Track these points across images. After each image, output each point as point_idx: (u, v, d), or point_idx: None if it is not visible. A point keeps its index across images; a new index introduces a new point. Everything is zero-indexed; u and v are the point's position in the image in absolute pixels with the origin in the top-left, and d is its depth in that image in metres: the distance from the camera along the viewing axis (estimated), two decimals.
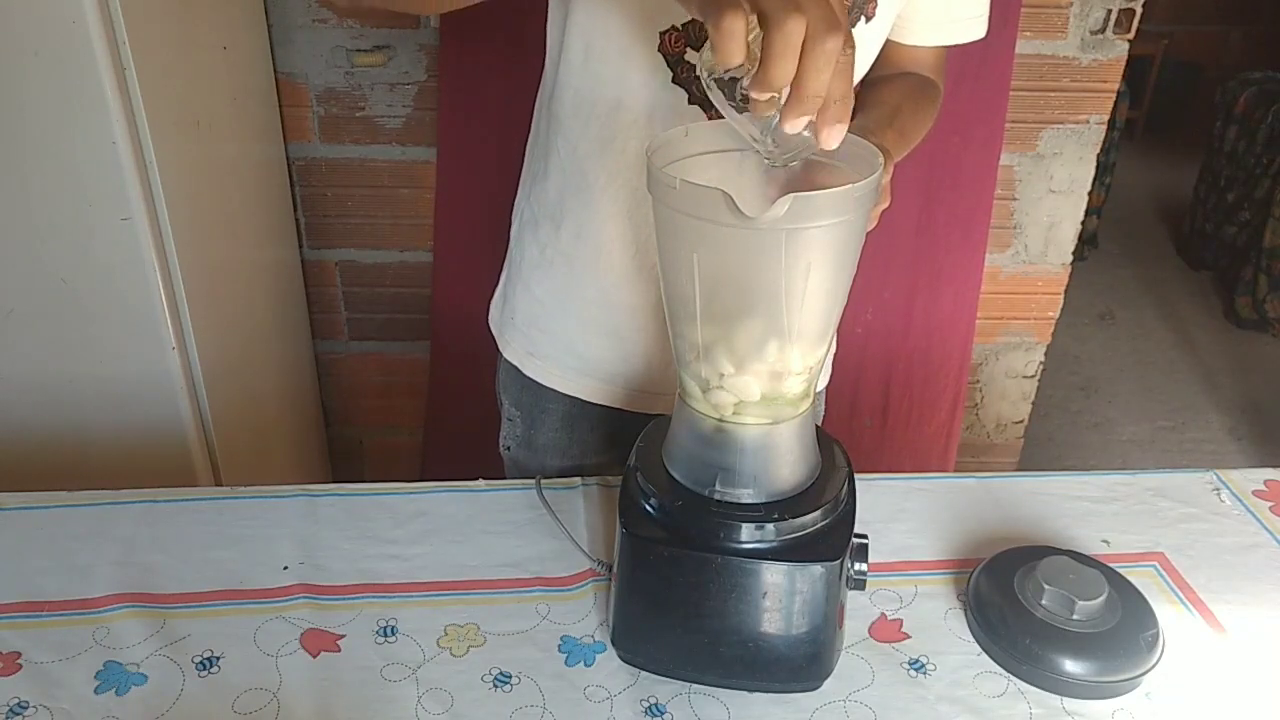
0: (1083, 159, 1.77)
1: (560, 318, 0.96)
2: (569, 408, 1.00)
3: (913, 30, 0.91)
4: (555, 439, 1.02)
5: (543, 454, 1.03)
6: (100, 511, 0.86)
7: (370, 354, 1.95)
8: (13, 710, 0.68)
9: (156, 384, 1.26)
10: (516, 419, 1.03)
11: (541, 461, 1.03)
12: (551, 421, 1.01)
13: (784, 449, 0.69)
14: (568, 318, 0.96)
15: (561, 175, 0.90)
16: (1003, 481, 0.94)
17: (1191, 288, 3.53)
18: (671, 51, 0.80)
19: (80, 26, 1.04)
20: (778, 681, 0.70)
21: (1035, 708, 0.71)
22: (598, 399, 0.98)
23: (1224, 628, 0.78)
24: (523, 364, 1.00)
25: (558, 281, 0.95)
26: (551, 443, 1.02)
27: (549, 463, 1.03)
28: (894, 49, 0.92)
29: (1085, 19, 1.64)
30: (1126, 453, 2.61)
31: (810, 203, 0.57)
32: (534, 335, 0.98)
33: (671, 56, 0.80)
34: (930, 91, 0.94)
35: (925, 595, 0.81)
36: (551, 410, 1.01)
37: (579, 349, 0.97)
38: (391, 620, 0.76)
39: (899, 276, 1.78)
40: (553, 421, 1.01)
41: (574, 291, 0.94)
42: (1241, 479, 0.95)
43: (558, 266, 0.94)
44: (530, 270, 0.97)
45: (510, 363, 1.02)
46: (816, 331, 0.66)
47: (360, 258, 1.84)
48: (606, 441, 1.01)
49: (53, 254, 1.17)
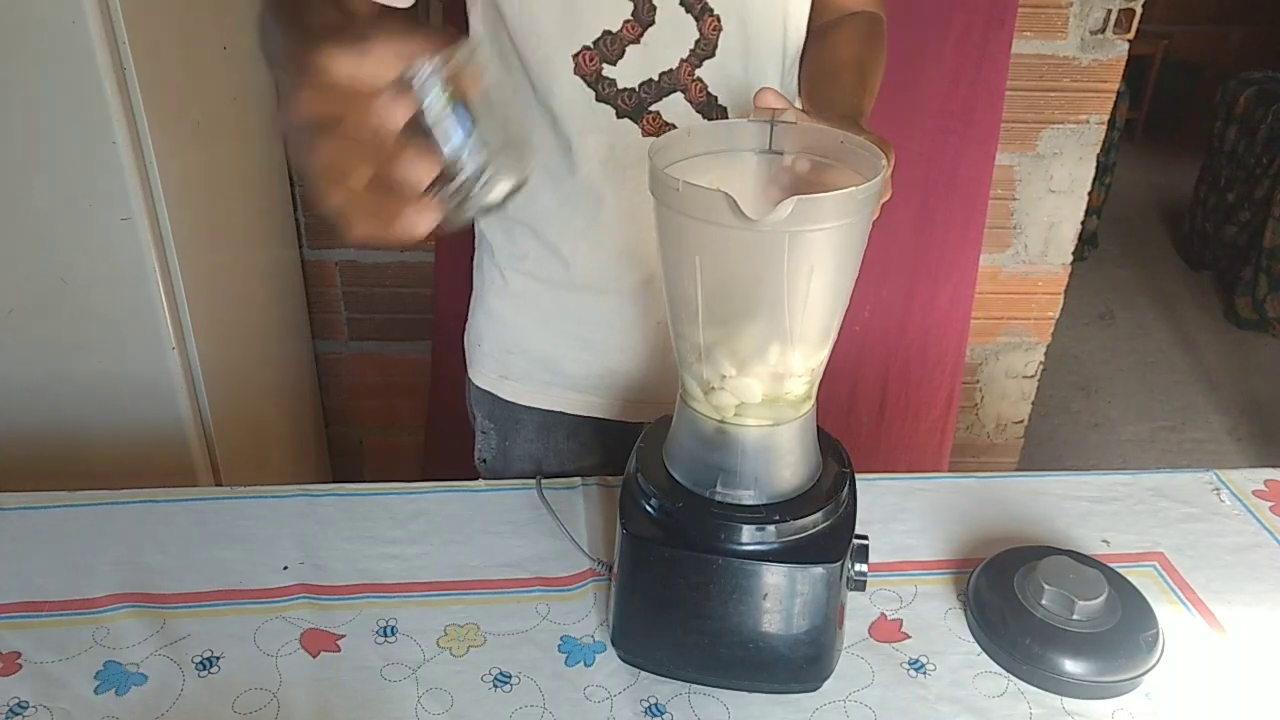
0: (1083, 159, 1.77)
1: (532, 338, 0.95)
2: (544, 419, 0.99)
3: None
4: (530, 450, 1.01)
5: (518, 465, 1.02)
6: (100, 511, 0.86)
7: (370, 354, 1.95)
8: (13, 710, 0.68)
9: (156, 384, 1.26)
10: (491, 432, 1.02)
11: (519, 471, 1.02)
12: (526, 433, 1.00)
13: (785, 450, 0.69)
14: (540, 337, 0.95)
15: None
16: (1003, 481, 0.94)
17: (1191, 288, 3.53)
18: (588, 71, 0.79)
19: (80, 26, 1.04)
20: (778, 682, 0.70)
21: (1035, 708, 0.71)
22: (574, 410, 0.98)
23: (1224, 628, 0.78)
24: (496, 388, 0.99)
25: (525, 302, 0.94)
26: (527, 454, 1.01)
27: (526, 472, 1.02)
28: None
29: (1085, 19, 1.64)
30: (1126, 453, 2.61)
31: (813, 205, 0.57)
32: (506, 359, 0.97)
33: (589, 76, 0.80)
34: (878, 29, 0.90)
35: (925, 595, 0.81)
36: (526, 421, 1.00)
37: (554, 364, 0.96)
38: (391, 620, 0.76)
39: (897, 274, 1.79)
40: (528, 433, 1.00)
41: (543, 310, 0.93)
42: (1241, 479, 0.95)
43: (523, 288, 0.93)
44: (495, 297, 0.96)
45: (482, 388, 1.01)
46: (818, 333, 0.66)
47: (360, 258, 1.84)
48: (583, 449, 1.01)
49: (53, 254, 1.17)
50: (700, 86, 0.82)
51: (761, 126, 0.69)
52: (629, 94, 0.80)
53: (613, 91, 0.80)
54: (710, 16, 0.79)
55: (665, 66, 0.80)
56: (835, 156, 0.67)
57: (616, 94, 0.80)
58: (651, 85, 0.80)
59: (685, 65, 0.80)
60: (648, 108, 0.81)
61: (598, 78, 0.79)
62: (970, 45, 1.63)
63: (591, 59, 0.79)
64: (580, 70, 0.79)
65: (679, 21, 0.78)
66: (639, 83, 0.80)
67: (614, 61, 0.79)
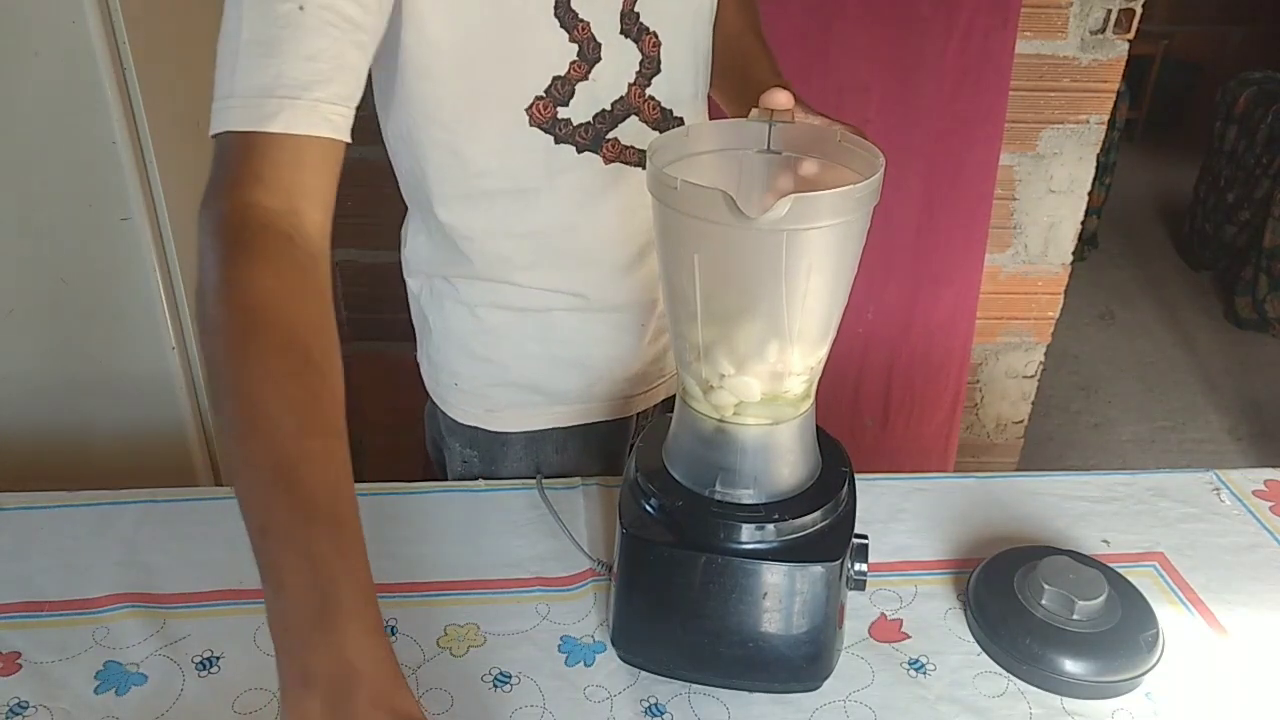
0: (1083, 159, 1.77)
1: (517, 369, 0.92)
2: (531, 437, 0.96)
3: None
4: (518, 468, 0.98)
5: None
6: (100, 511, 0.86)
7: (370, 354, 1.95)
8: (13, 710, 0.68)
9: (156, 384, 1.26)
10: (474, 460, 0.98)
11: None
12: (514, 454, 0.97)
13: (784, 449, 0.69)
14: (525, 367, 0.92)
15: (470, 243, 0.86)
16: (1003, 481, 0.94)
17: (1191, 288, 3.53)
18: (544, 119, 0.79)
19: (80, 26, 1.04)
20: (778, 681, 0.70)
21: (1035, 708, 0.71)
22: (565, 423, 0.96)
23: (1224, 628, 0.78)
24: (481, 423, 0.96)
25: (504, 337, 0.91)
26: (515, 472, 0.98)
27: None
28: None
29: (1085, 19, 1.64)
30: (1126, 453, 2.61)
31: (811, 204, 0.57)
32: (489, 394, 0.94)
33: (545, 123, 0.79)
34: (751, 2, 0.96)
35: (925, 595, 0.81)
36: (513, 443, 0.96)
37: (542, 388, 0.94)
38: (391, 620, 0.76)
39: (900, 277, 1.79)
40: (515, 454, 0.97)
41: (526, 338, 0.91)
42: (1241, 479, 0.95)
43: (500, 322, 0.90)
44: (470, 338, 0.92)
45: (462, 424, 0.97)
46: (817, 332, 0.66)
47: (360, 258, 1.84)
48: (572, 458, 0.98)
49: (53, 254, 1.17)
50: (653, 104, 0.82)
51: (760, 126, 0.69)
52: (585, 128, 0.80)
53: (569, 130, 0.80)
54: (648, 35, 0.80)
55: (615, 95, 0.80)
56: (833, 156, 0.67)
57: (573, 131, 0.80)
58: (605, 115, 0.81)
59: (634, 88, 0.81)
60: (605, 136, 0.81)
61: (554, 122, 0.79)
62: (973, 47, 1.63)
63: (546, 107, 0.78)
64: (536, 121, 0.79)
65: (621, 48, 0.79)
66: (593, 115, 0.80)
67: (566, 103, 0.79)
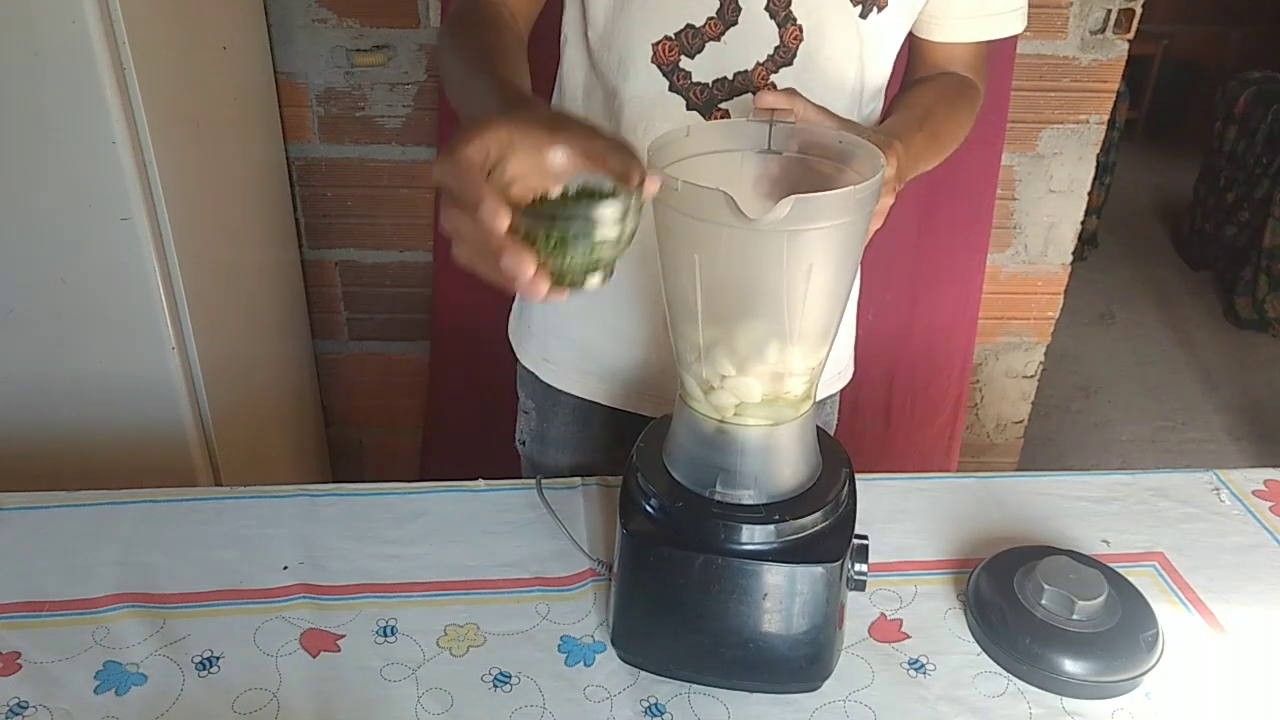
0: (1082, 159, 1.77)
1: (575, 325, 0.97)
2: (580, 406, 1.01)
3: (946, 26, 0.88)
4: (567, 433, 1.03)
5: (555, 448, 1.05)
6: (100, 511, 0.86)
7: (370, 354, 1.95)
8: (13, 710, 0.68)
9: (156, 384, 1.26)
10: (532, 412, 1.05)
11: (555, 457, 1.05)
12: (564, 415, 1.03)
13: (785, 450, 0.69)
14: (583, 325, 0.97)
15: None
16: (1003, 481, 0.94)
17: (1191, 288, 3.53)
18: (665, 61, 0.81)
19: (80, 26, 1.04)
20: (778, 682, 0.70)
21: (1035, 708, 0.71)
22: (609, 401, 0.99)
23: (1224, 628, 0.78)
24: (538, 369, 1.02)
25: None
26: (563, 437, 1.03)
27: (561, 458, 1.04)
28: (927, 47, 0.90)
29: (1085, 19, 1.64)
30: (1126, 453, 2.61)
31: (812, 204, 0.57)
32: (549, 342, 1.00)
33: (666, 66, 0.81)
34: (967, 91, 0.91)
35: (925, 595, 0.81)
36: (564, 405, 1.02)
37: (590, 352, 0.98)
38: (391, 620, 0.76)
39: (901, 278, 1.78)
40: (565, 415, 1.03)
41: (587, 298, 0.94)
42: (1241, 479, 0.95)
43: None
44: None
45: (526, 367, 1.03)
46: (818, 333, 0.66)
47: (360, 258, 1.84)
48: (616, 439, 1.02)
49: (53, 254, 1.17)
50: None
51: (761, 126, 0.69)
52: (701, 88, 0.82)
53: (687, 84, 0.81)
54: (793, 25, 0.80)
55: (741, 67, 0.81)
56: (834, 157, 0.67)
57: (690, 87, 0.81)
58: (725, 83, 0.82)
59: (760, 69, 0.81)
60: (718, 104, 0.83)
61: (674, 69, 0.81)
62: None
63: (671, 50, 0.80)
64: (658, 59, 0.81)
65: (761, 25, 0.80)
66: (713, 79, 0.82)
67: (692, 55, 0.80)
